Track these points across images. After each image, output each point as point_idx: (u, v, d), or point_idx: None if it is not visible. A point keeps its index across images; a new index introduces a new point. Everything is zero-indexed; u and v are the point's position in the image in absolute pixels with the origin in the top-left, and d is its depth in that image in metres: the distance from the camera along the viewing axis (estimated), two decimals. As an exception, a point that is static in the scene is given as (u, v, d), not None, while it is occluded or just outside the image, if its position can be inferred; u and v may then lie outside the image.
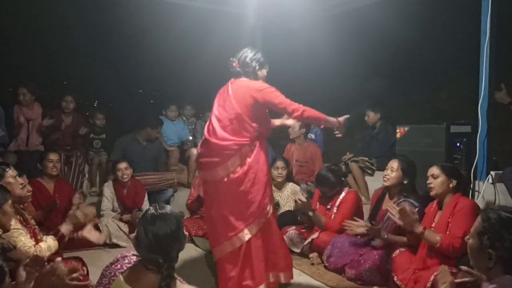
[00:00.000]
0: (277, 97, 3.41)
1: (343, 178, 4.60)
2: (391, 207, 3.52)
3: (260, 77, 3.58)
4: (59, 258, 2.16)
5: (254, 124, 3.44)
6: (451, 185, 3.42)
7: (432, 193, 3.50)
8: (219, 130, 3.43)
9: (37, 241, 3.14)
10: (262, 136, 3.54)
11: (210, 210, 3.54)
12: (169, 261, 1.93)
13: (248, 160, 3.40)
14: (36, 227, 3.38)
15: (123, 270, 2.01)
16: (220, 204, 3.43)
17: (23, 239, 2.97)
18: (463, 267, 2.14)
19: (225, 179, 3.38)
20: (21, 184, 3.34)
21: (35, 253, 2.86)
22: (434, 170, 3.50)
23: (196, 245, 4.81)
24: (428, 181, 3.51)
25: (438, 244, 3.21)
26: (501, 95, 5.59)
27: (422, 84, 7.90)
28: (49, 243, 3.11)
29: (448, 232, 3.27)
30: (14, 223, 2.97)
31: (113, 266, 2.07)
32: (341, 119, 3.57)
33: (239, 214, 3.39)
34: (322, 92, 8.18)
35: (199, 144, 3.70)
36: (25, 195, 3.40)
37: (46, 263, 2.16)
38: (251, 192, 3.39)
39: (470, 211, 3.25)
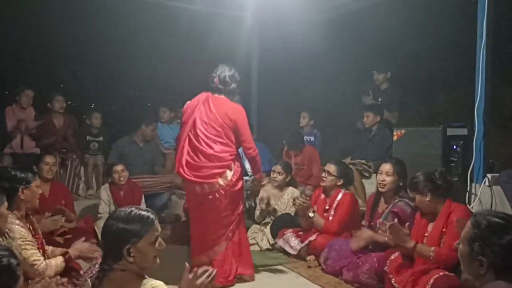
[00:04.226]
0: (245, 128, 3.84)
1: (348, 177, 4.65)
2: (380, 224, 3.47)
3: (237, 95, 4.03)
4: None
5: (234, 137, 3.83)
6: (428, 199, 3.36)
7: (423, 211, 3.47)
8: (212, 144, 3.76)
9: (44, 252, 3.08)
10: (237, 147, 3.93)
11: (207, 218, 3.81)
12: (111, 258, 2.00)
13: (236, 167, 3.80)
14: (42, 236, 3.26)
15: (92, 275, 2.10)
16: (219, 210, 3.76)
17: (32, 251, 2.87)
18: None
19: (225, 187, 3.72)
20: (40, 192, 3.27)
21: (39, 269, 2.83)
22: (409, 193, 3.51)
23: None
24: (417, 204, 3.50)
25: (432, 258, 3.16)
26: (368, 99, 6.53)
27: (418, 87, 7.91)
28: (57, 263, 3.01)
29: (442, 242, 3.23)
30: (26, 234, 2.90)
31: (85, 274, 2.22)
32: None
33: (233, 213, 3.82)
34: (318, 95, 8.18)
35: (182, 163, 3.81)
36: (37, 206, 3.30)
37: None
38: (240, 192, 3.88)
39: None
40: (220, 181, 3.71)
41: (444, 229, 3.27)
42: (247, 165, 6.46)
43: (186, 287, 2.11)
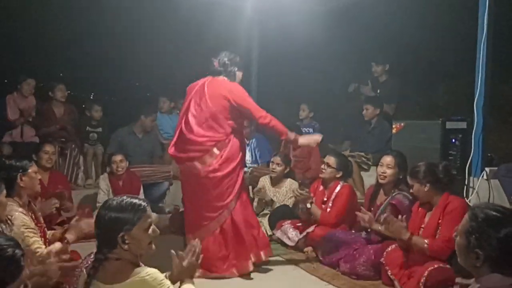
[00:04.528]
0: (246, 101, 3.77)
1: (347, 169, 4.66)
2: (381, 217, 3.48)
3: (238, 77, 3.93)
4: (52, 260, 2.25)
5: (229, 122, 3.77)
6: (426, 189, 3.39)
7: (420, 202, 3.52)
8: (195, 127, 3.75)
9: (45, 240, 3.11)
10: (237, 131, 3.86)
11: (192, 198, 3.88)
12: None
13: (223, 154, 3.74)
14: (44, 225, 3.32)
15: (88, 265, 2.11)
16: (201, 192, 3.78)
17: (34, 239, 2.90)
18: (459, 279, 2.15)
19: (202, 172, 3.72)
20: (39, 180, 3.30)
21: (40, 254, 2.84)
22: (409, 180, 3.52)
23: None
24: (411, 191, 3.55)
25: (426, 249, 3.19)
26: (366, 89, 6.51)
27: (418, 79, 7.90)
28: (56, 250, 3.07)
29: (438, 233, 3.26)
30: (29, 221, 2.94)
31: (81, 264, 2.19)
32: (302, 140, 3.94)
33: (219, 199, 3.76)
34: (319, 86, 8.17)
35: (173, 140, 3.95)
36: (39, 191, 3.37)
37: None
38: (228, 179, 3.76)
39: (460, 213, 3.16)
40: (198, 164, 3.72)
41: (440, 221, 3.29)
42: (247, 157, 6.46)
43: (176, 271, 2.25)
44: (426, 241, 3.21)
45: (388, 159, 3.98)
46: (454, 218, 3.20)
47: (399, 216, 3.44)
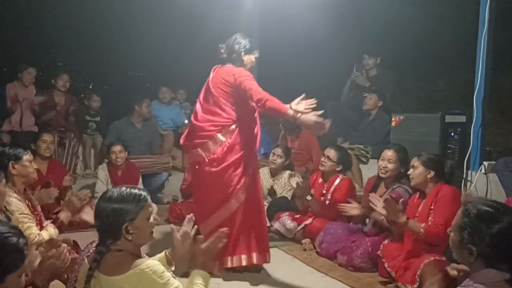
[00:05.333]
0: (247, 83, 3.49)
1: (347, 163, 4.65)
2: (373, 197, 3.50)
3: (246, 62, 3.72)
4: (64, 245, 2.28)
5: (233, 108, 3.59)
6: (429, 176, 3.41)
7: (412, 183, 3.54)
8: (200, 113, 3.66)
9: (42, 228, 3.12)
10: (244, 119, 3.63)
11: (200, 187, 3.74)
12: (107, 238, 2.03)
13: (228, 141, 3.55)
14: (42, 213, 3.33)
15: (89, 253, 2.11)
16: (207, 181, 3.61)
17: (29, 225, 2.92)
18: (453, 265, 2.16)
19: (206, 160, 3.55)
20: (35, 168, 3.30)
21: (34, 242, 2.85)
22: (414, 161, 3.52)
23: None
24: (408, 172, 3.56)
25: (422, 234, 3.21)
26: (362, 79, 6.47)
27: (418, 73, 7.89)
28: (50, 232, 3.07)
29: (430, 220, 3.28)
30: (25, 208, 2.96)
31: (83, 252, 2.20)
32: (304, 116, 3.43)
33: (225, 188, 3.55)
34: (319, 78, 8.15)
35: (185, 131, 3.87)
36: (35, 179, 3.37)
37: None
38: (230, 170, 3.55)
39: (451, 199, 3.26)
40: (201, 151, 3.58)
41: (432, 207, 3.32)
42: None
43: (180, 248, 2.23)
44: (422, 225, 3.23)
45: (389, 154, 3.96)
46: (444, 204, 3.24)
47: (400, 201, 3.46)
